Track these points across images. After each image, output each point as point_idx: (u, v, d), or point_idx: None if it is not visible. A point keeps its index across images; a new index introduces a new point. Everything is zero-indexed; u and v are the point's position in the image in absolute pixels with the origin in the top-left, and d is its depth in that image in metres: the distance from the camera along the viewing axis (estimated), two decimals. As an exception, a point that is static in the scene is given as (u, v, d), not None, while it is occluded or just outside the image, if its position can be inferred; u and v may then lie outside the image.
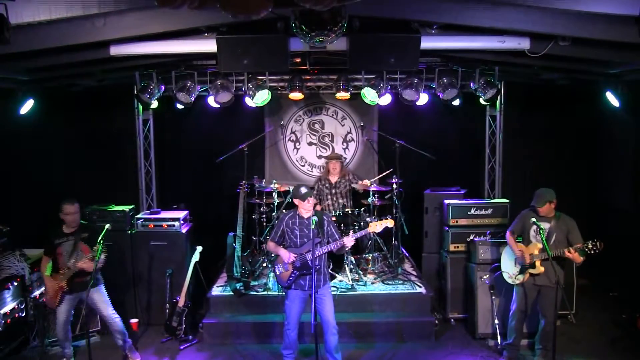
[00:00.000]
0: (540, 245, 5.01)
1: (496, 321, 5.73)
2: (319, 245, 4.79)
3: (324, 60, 6.68)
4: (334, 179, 7.45)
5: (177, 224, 6.40)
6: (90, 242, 5.13)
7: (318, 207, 7.23)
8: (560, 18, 4.43)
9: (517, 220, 5.35)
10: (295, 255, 4.87)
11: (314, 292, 4.49)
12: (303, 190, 4.88)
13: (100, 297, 5.25)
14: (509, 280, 5.35)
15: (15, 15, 3.69)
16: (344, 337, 5.75)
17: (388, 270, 6.88)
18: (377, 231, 4.92)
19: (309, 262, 4.80)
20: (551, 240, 5.04)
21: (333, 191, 7.43)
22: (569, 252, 4.89)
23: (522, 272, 5.19)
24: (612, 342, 5.75)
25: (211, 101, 7.04)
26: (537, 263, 5.06)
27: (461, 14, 4.58)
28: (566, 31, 4.64)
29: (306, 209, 4.90)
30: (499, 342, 5.62)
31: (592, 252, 4.85)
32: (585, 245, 4.86)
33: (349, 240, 4.80)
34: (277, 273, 5.01)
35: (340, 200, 7.39)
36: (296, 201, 4.96)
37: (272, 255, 5.21)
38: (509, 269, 5.38)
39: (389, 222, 4.91)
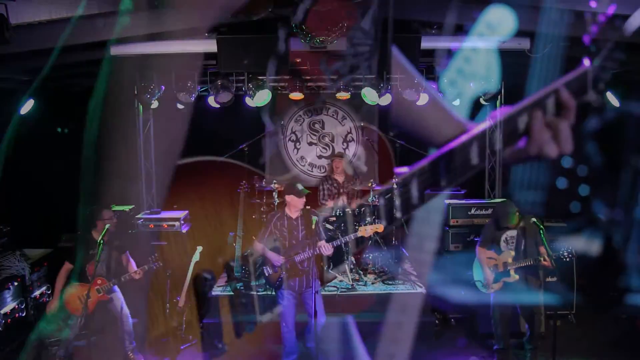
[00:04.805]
0: (513, 253, 4.94)
1: (496, 321, 5.70)
2: (307, 247, 4.70)
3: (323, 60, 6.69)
4: (340, 178, 7.39)
5: (177, 224, 6.40)
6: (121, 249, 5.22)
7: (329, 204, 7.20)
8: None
9: (485, 232, 5.24)
10: (284, 259, 4.80)
11: (311, 291, 4.46)
12: (300, 186, 4.78)
13: (117, 296, 5.30)
14: (483, 290, 5.20)
15: (15, 15, 3.69)
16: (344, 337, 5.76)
17: (388, 270, 6.88)
18: (366, 235, 4.87)
19: (298, 264, 4.78)
20: (521, 247, 4.96)
21: (341, 190, 7.37)
22: (544, 261, 4.80)
23: (496, 280, 5.08)
24: (612, 342, 5.75)
25: (211, 101, 7.04)
26: (512, 272, 4.97)
27: (461, 14, 4.58)
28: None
29: (298, 206, 4.81)
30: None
31: (567, 260, 4.85)
32: (561, 252, 4.81)
33: (328, 249, 4.68)
34: (266, 275, 4.95)
35: (347, 201, 7.35)
36: (289, 198, 4.84)
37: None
38: (482, 277, 5.21)
39: (379, 227, 4.81)
